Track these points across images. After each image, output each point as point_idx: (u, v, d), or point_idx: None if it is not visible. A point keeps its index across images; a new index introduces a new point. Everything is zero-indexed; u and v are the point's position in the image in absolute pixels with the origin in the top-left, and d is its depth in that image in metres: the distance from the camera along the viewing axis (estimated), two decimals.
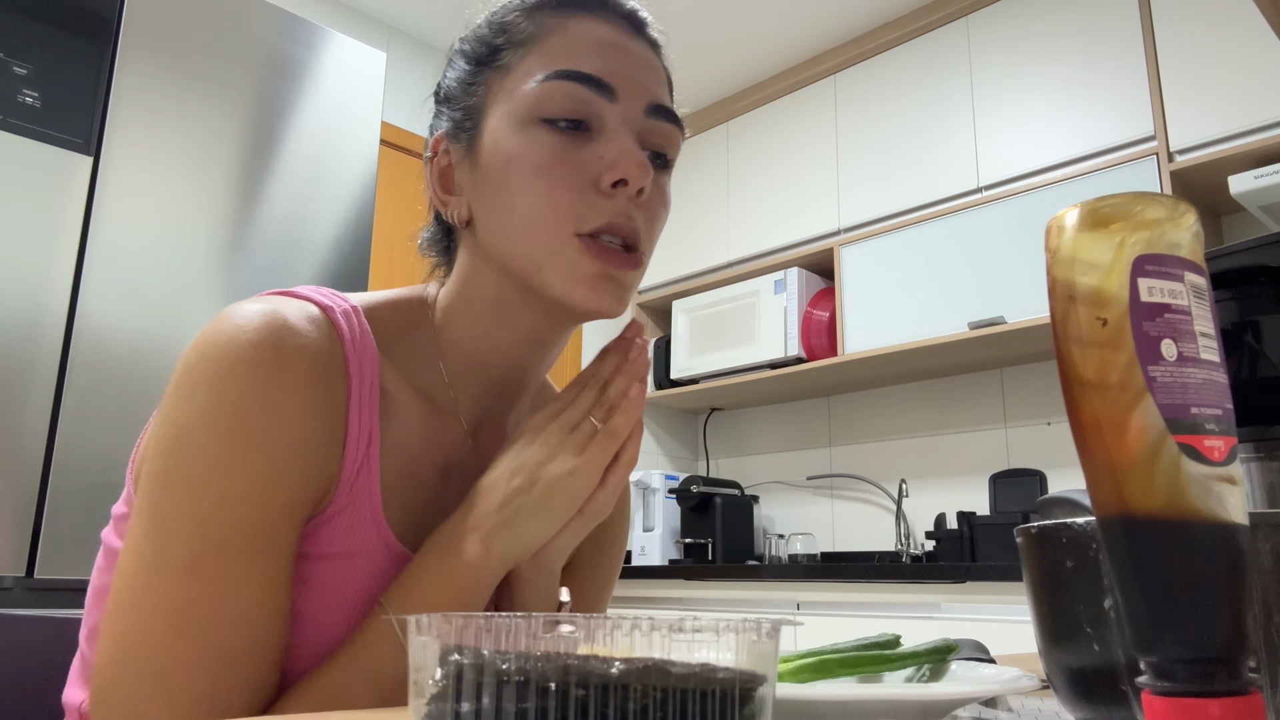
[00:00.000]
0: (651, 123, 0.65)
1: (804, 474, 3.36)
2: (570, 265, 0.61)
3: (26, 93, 1.60)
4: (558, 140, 0.62)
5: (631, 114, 0.64)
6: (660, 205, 0.66)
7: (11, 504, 1.50)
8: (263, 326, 0.57)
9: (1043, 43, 2.65)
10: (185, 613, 0.53)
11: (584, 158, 0.62)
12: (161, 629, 0.52)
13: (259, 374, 0.56)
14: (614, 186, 0.62)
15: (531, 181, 0.62)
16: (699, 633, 0.31)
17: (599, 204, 0.62)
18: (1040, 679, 0.51)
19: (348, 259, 1.99)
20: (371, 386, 0.62)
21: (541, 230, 0.62)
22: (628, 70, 0.64)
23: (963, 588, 2.26)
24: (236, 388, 0.56)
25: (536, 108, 0.62)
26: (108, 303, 1.64)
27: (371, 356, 0.62)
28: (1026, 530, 0.46)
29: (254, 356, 0.56)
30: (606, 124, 0.63)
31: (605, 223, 0.61)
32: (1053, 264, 0.33)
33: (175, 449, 0.55)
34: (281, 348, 0.57)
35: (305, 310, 0.60)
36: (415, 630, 0.31)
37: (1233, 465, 0.31)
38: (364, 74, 2.08)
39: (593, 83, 0.63)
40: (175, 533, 0.54)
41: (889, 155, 2.95)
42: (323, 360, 0.59)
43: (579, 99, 0.62)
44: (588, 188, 0.62)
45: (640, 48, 0.67)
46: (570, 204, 0.61)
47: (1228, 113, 2.28)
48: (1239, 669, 0.29)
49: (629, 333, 0.65)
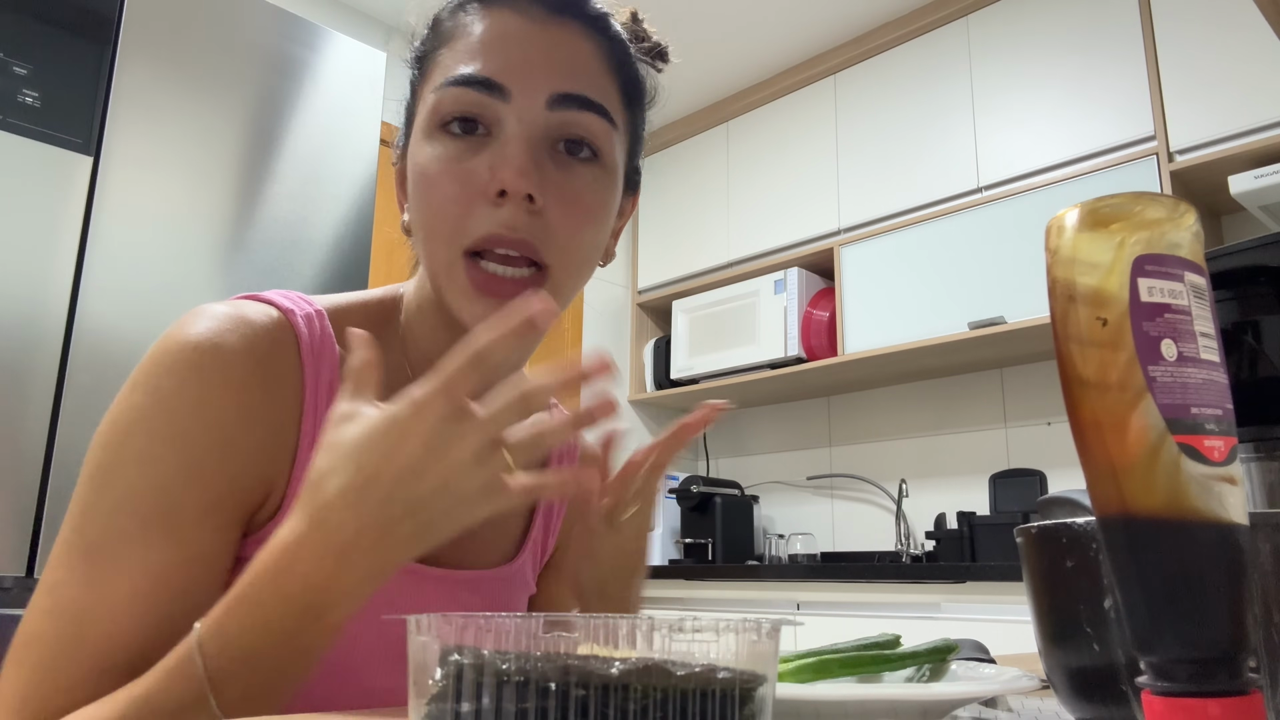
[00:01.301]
0: (558, 114, 0.60)
1: (804, 474, 3.36)
2: (459, 289, 0.59)
3: (26, 93, 1.60)
4: (450, 150, 0.60)
5: (528, 110, 0.59)
6: (572, 206, 0.61)
7: (11, 504, 1.50)
8: (209, 328, 0.58)
9: (1043, 43, 2.65)
10: (61, 592, 0.53)
11: (474, 166, 0.59)
12: (39, 604, 0.53)
13: (192, 373, 0.56)
14: (500, 196, 0.58)
15: (425, 194, 0.60)
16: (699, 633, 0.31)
17: (487, 215, 0.58)
18: (1040, 679, 0.51)
19: (348, 259, 1.99)
20: (330, 389, 0.61)
21: (436, 246, 0.60)
22: (524, 63, 0.60)
23: (963, 588, 2.25)
24: (170, 385, 0.56)
25: (434, 115, 0.61)
26: (108, 303, 1.64)
27: (331, 359, 0.62)
28: (1026, 530, 0.46)
29: (191, 357, 0.57)
30: (504, 126, 0.60)
31: (485, 233, 0.58)
32: (1053, 264, 0.33)
33: (103, 441, 0.56)
34: (220, 350, 0.57)
35: (262, 313, 0.60)
36: (415, 630, 0.31)
37: (1233, 465, 0.31)
38: (364, 74, 2.08)
39: (479, 84, 0.59)
40: (84, 520, 0.54)
41: (889, 155, 2.95)
42: (266, 364, 0.59)
43: (469, 102, 0.59)
44: (477, 198, 0.58)
45: (551, 33, 0.62)
46: (457, 217, 0.58)
47: (1228, 113, 2.28)
48: (1239, 669, 0.29)
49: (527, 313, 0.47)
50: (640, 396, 3.56)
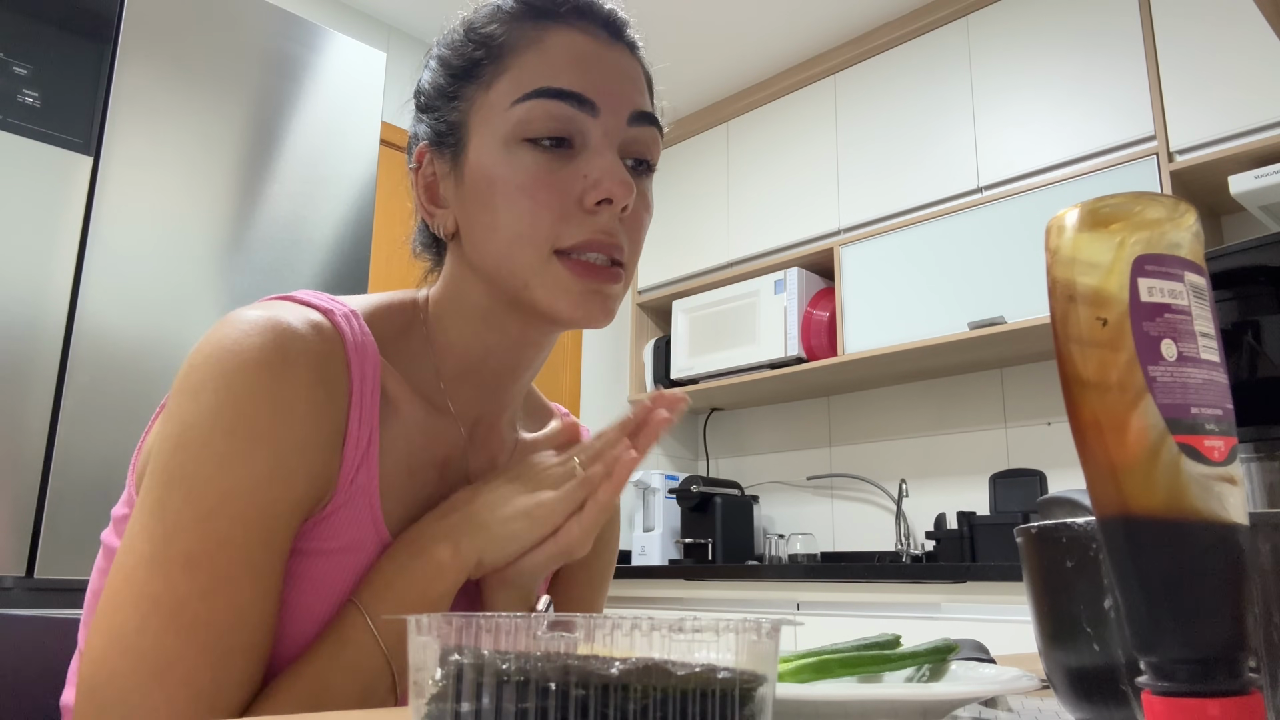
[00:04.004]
0: (634, 130, 0.66)
1: (804, 474, 3.36)
2: (555, 281, 0.63)
3: (26, 93, 1.60)
4: (541, 160, 0.63)
5: (614, 126, 0.64)
6: (644, 213, 0.67)
7: (11, 504, 1.50)
8: (267, 329, 0.58)
9: (1043, 43, 2.65)
10: (185, 607, 0.53)
11: (567, 176, 0.63)
12: (161, 623, 0.53)
13: (265, 373, 0.57)
14: (598, 204, 0.62)
15: (515, 201, 0.63)
16: (699, 633, 0.31)
17: (582, 221, 0.63)
18: (1040, 679, 0.51)
19: (348, 259, 1.99)
20: (373, 387, 0.63)
21: (524, 248, 0.63)
22: (608, 81, 0.65)
23: (963, 588, 2.25)
24: (243, 386, 0.56)
25: (519, 128, 0.63)
26: (108, 303, 1.64)
27: (373, 358, 0.63)
28: (1026, 530, 0.46)
29: (260, 357, 0.57)
30: (590, 139, 0.64)
31: (586, 239, 0.62)
32: (1053, 264, 0.33)
33: (180, 446, 0.56)
34: (286, 349, 0.58)
35: (307, 315, 0.61)
36: (415, 630, 0.31)
37: (1233, 465, 0.31)
38: (364, 74, 2.08)
39: (573, 99, 0.63)
40: (177, 528, 0.54)
41: (889, 155, 2.95)
42: (325, 362, 0.60)
43: (560, 116, 0.63)
44: (571, 206, 0.62)
45: (619, 54, 0.67)
46: (552, 223, 0.62)
47: (1228, 113, 2.28)
48: (1239, 669, 0.29)
49: (655, 404, 0.68)
50: (640, 396, 3.55)
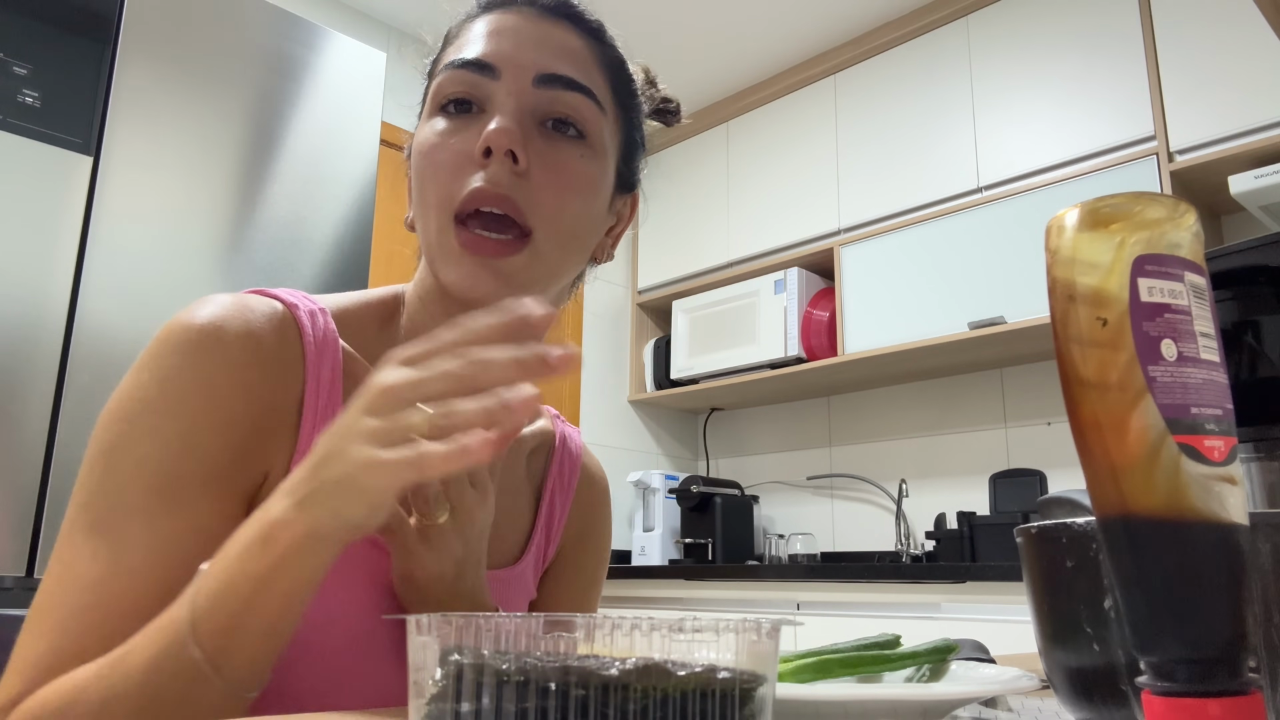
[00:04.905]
0: (544, 92, 0.65)
1: (804, 474, 3.36)
2: (449, 253, 0.63)
3: (26, 93, 1.60)
4: (445, 124, 0.65)
5: (517, 88, 0.64)
6: (557, 174, 0.63)
7: (11, 504, 1.50)
8: (211, 313, 0.60)
9: (1043, 43, 2.65)
10: (73, 565, 0.55)
11: (469, 137, 0.63)
12: (51, 575, 0.55)
13: (193, 352, 0.59)
14: (486, 157, 0.62)
15: (422, 167, 0.65)
16: (699, 633, 0.31)
17: (473, 174, 0.62)
18: (1040, 679, 0.51)
19: (348, 259, 1.99)
20: (332, 383, 0.63)
21: (429, 216, 0.64)
22: (514, 48, 0.65)
23: (963, 588, 2.25)
24: (172, 364, 0.59)
25: (432, 101, 0.67)
26: (108, 303, 1.64)
27: (333, 355, 0.64)
28: (1026, 530, 0.46)
29: (193, 337, 0.59)
30: (494, 103, 0.64)
31: (471, 190, 0.61)
32: (1053, 264, 0.33)
33: (107, 421, 0.58)
34: (222, 330, 0.60)
35: (266, 305, 0.63)
36: (415, 630, 0.31)
37: (1233, 465, 0.31)
38: (364, 74, 2.08)
39: (473, 65, 0.64)
40: (92, 497, 0.56)
41: (889, 155, 2.95)
42: (266, 348, 0.61)
43: (463, 82, 0.65)
44: (465, 164, 0.63)
45: (545, 26, 0.67)
46: (447, 183, 0.62)
47: (1228, 113, 2.28)
48: (1239, 669, 0.29)
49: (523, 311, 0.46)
50: (640, 396, 3.56)
